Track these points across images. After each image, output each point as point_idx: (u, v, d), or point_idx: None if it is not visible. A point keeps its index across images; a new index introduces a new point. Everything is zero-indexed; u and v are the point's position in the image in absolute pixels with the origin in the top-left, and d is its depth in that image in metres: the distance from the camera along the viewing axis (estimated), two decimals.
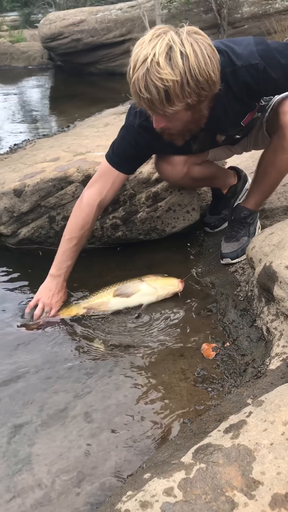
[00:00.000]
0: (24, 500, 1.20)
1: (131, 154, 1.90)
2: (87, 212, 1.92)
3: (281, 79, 1.64)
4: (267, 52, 1.61)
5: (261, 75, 1.61)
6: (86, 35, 8.19)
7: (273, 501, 0.85)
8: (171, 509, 0.88)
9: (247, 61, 1.60)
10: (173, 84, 1.40)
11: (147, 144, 1.85)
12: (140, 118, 1.79)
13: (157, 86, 1.40)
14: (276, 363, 1.39)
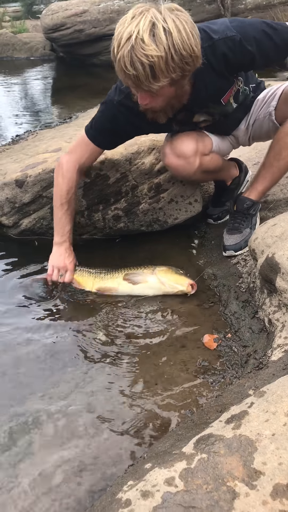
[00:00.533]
0: (26, 489, 1.20)
1: (108, 129, 1.93)
2: (69, 177, 2.00)
3: (256, 54, 1.68)
4: (241, 27, 1.67)
5: (237, 47, 1.66)
6: (89, 26, 8.13)
7: (275, 491, 0.85)
8: (172, 499, 0.88)
9: (224, 34, 1.66)
10: (158, 59, 1.44)
11: (126, 121, 1.88)
12: (120, 95, 1.83)
13: (142, 62, 1.44)
14: (278, 354, 1.39)
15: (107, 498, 0.99)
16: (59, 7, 8.30)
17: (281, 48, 1.71)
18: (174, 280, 1.93)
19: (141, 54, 1.42)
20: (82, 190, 2.28)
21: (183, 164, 2.02)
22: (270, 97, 2.02)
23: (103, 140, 1.98)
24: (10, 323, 1.83)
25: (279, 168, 1.98)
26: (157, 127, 1.94)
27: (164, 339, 1.72)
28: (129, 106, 1.80)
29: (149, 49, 1.42)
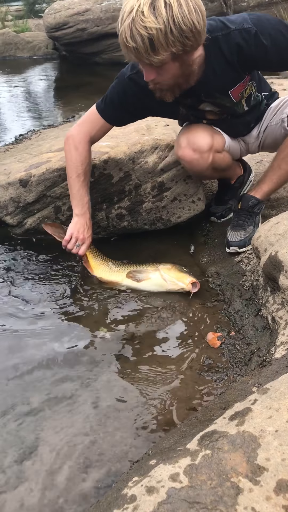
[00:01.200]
0: (32, 485, 1.22)
1: (118, 104, 1.95)
2: (82, 147, 2.01)
3: (270, 49, 1.69)
4: (259, 21, 1.69)
5: (252, 40, 1.68)
6: (91, 25, 8.12)
7: (278, 487, 0.86)
8: (177, 494, 0.89)
9: (240, 25, 1.68)
10: (157, 32, 1.45)
11: (135, 97, 1.90)
12: (132, 70, 1.85)
13: (141, 34, 1.46)
14: (281, 352, 1.40)
15: (113, 494, 1.01)
16: (62, 6, 8.30)
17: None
18: (176, 277, 1.93)
19: (140, 26, 1.44)
20: None
21: (198, 158, 2.02)
22: (283, 104, 2.03)
23: (111, 115, 1.99)
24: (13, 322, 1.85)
25: (287, 171, 1.99)
26: (164, 109, 1.97)
27: (167, 338, 1.73)
28: (139, 83, 1.82)
29: (147, 21, 1.43)
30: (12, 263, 2.24)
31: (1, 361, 1.65)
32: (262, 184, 2.06)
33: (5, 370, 1.60)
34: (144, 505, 0.90)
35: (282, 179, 2.03)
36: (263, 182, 2.06)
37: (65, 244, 2.03)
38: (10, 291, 2.03)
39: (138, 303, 1.92)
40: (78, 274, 2.14)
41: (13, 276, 2.14)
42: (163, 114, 2.15)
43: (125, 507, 0.92)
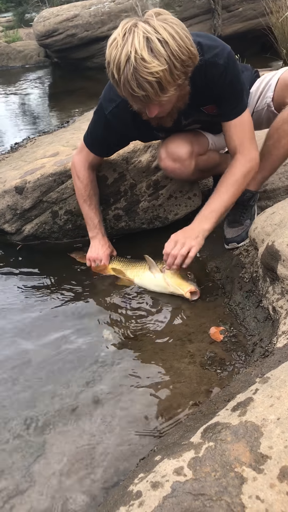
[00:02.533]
0: (40, 488, 1.22)
1: (101, 139, 2.00)
2: (82, 175, 2.12)
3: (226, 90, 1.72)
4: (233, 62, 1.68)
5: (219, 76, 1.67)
6: (81, 30, 8.15)
7: (281, 474, 0.86)
8: (181, 488, 0.89)
9: (214, 57, 1.65)
10: (163, 73, 1.41)
11: (117, 132, 1.93)
12: (111, 104, 1.84)
13: (149, 81, 1.41)
14: (283, 341, 1.39)
15: (119, 491, 1.01)
16: (51, 14, 8.33)
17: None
18: (178, 283, 1.90)
19: (146, 73, 1.39)
20: None
21: (179, 167, 2.03)
22: (264, 88, 2.00)
23: (98, 149, 2.07)
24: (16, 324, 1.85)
25: (278, 156, 1.97)
26: (145, 136, 2.04)
27: (170, 334, 1.73)
28: (119, 116, 1.83)
29: (152, 66, 1.38)
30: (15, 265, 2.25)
31: (4, 364, 1.65)
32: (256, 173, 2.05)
33: (7, 372, 1.61)
34: (150, 500, 0.90)
35: (275, 166, 2.02)
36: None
37: (89, 266, 2.16)
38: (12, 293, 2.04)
39: (139, 302, 1.92)
40: (79, 276, 2.14)
41: (16, 278, 2.15)
42: (145, 140, 2.19)
43: (131, 503, 0.92)
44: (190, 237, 1.82)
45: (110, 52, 1.45)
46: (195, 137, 2.04)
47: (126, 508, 0.92)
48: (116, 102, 1.80)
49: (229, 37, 7.71)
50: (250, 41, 7.97)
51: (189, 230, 1.84)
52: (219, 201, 1.83)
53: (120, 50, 1.41)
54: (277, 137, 1.91)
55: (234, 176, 1.83)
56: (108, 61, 1.47)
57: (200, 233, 1.82)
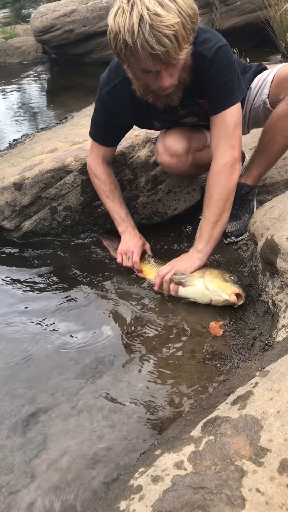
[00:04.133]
0: (41, 484, 1.22)
1: (104, 125, 1.97)
2: (99, 172, 2.09)
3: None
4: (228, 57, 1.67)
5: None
6: (78, 25, 8.11)
7: (282, 466, 0.86)
8: (182, 481, 0.90)
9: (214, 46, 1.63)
10: (178, 26, 1.39)
11: (114, 112, 1.90)
12: (109, 85, 1.83)
13: (167, 35, 1.38)
14: (283, 335, 1.39)
15: (120, 486, 1.01)
16: (48, 9, 8.30)
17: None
18: (220, 287, 1.74)
19: (163, 27, 1.36)
20: (80, 188, 2.29)
21: (176, 163, 2.03)
22: (262, 85, 2.00)
23: (104, 138, 2.04)
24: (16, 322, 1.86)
25: (273, 152, 1.98)
26: (140, 121, 1.99)
27: (170, 329, 1.73)
28: (116, 96, 1.82)
29: (167, 19, 1.36)
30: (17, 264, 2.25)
31: (6, 361, 1.65)
32: (251, 169, 2.05)
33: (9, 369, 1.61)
34: (150, 494, 0.90)
35: (271, 162, 2.02)
36: (252, 167, 2.05)
37: (120, 262, 2.08)
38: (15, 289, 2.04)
39: (138, 299, 1.92)
40: (80, 273, 2.14)
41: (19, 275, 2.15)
42: (141, 125, 2.13)
43: (132, 497, 0.92)
44: (182, 262, 1.86)
45: (116, 21, 1.41)
46: (193, 133, 2.03)
47: (126, 502, 0.92)
48: (114, 82, 1.80)
49: (228, 31, 7.68)
50: (249, 34, 7.95)
51: (180, 256, 1.90)
52: (203, 220, 1.83)
53: (129, 14, 1.38)
54: (272, 133, 1.91)
55: (209, 192, 1.81)
56: (115, 32, 1.42)
57: (193, 257, 1.84)
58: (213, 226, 1.80)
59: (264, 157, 1.97)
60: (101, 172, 2.09)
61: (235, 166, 1.76)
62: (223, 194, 1.77)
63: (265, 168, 2.03)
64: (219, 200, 1.77)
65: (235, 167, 1.76)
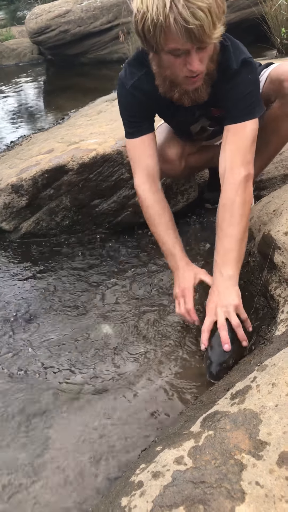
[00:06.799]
0: (45, 483, 1.23)
1: (134, 117, 1.79)
2: (144, 195, 1.80)
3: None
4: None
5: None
6: (73, 26, 8.11)
7: (280, 459, 0.86)
8: (182, 476, 0.90)
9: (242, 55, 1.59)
10: (213, 1, 1.32)
11: (141, 103, 1.75)
12: (132, 78, 1.71)
13: (202, 8, 1.30)
14: (281, 329, 1.40)
15: (121, 482, 1.01)
16: (42, 10, 8.29)
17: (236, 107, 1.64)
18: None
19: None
20: (77, 188, 2.30)
21: (170, 168, 2.03)
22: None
23: (142, 127, 1.79)
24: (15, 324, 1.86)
25: (268, 152, 1.98)
26: (162, 113, 1.87)
27: (171, 327, 1.73)
28: (142, 88, 1.69)
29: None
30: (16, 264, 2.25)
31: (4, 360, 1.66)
32: None
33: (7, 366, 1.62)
34: (151, 490, 0.90)
35: (265, 161, 2.03)
36: None
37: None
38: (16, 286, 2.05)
39: (139, 292, 1.93)
40: (78, 271, 2.15)
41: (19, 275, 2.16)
42: (163, 116, 1.98)
43: (133, 493, 0.93)
44: (224, 297, 1.52)
45: (145, 1, 1.33)
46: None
47: (128, 498, 0.92)
48: (138, 75, 1.69)
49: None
50: (244, 30, 7.93)
51: (214, 290, 1.56)
52: (228, 238, 1.57)
53: None
54: (264, 135, 1.91)
55: (231, 207, 1.59)
56: (143, 12, 1.34)
57: (230, 286, 1.53)
58: (240, 244, 1.57)
59: (258, 157, 1.96)
60: (145, 192, 1.79)
61: (250, 181, 1.64)
62: (246, 210, 1.60)
63: (259, 168, 2.04)
64: (243, 216, 1.58)
65: (250, 183, 1.64)
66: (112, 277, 2.08)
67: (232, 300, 1.49)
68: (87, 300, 1.95)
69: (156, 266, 2.11)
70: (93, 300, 1.95)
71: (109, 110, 3.46)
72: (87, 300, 1.95)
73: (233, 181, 1.59)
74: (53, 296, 2.01)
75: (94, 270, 2.15)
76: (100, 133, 2.66)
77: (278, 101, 1.81)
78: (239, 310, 1.49)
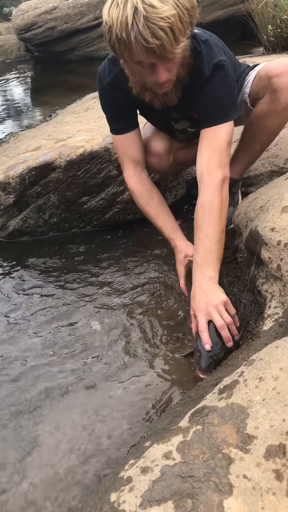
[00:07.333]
0: (34, 480, 1.23)
1: (116, 112, 1.83)
2: (132, 182, 1.90)
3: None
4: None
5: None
6: (60, 22, 8.07)
7: (268, 453, 0.87)
8: (170, 471, 0.91)
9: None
10: (174, 18, 1.32)
11: (121, 98, 1.78)
12: (109, 76, 1.74)
13: (162, 27, 1.31)
14: (269, 324, 1.41)
15: (110, 478, 1.02)
16: (29, 7, 8.24)
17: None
18: None
19: (159, 19, 1.30)
20: (65, 185, 2.29)
21: (158, 162, 2.02)
22: (243, 84, 1.98)
23: (125, 123, 1.86)
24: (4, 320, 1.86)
25: (255, 150, 2.00)
26: (141, 110, 1.88)
27: (158, 323, 1.74)
28: (118, 86, 1.71)
29: (163, 11, 1.29)
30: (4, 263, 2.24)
31: None
32: (234, 165, 2.06)
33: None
34: (140, 485, 0.91)
35: (252, 158, 2.04)
36: (234, 163, 2.05)
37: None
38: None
39: (126, 289, 1.93)
40: (67, 268, 2.14)
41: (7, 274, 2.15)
42: (142, 113, 1.98)
43: (122, 489, 0.93)
44: (213, 296, 1.51)
45: (110, 14, 1.35)
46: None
47: (117, 494, 0.93)
48: (114, 72, 1.71)
49: (210, 25, 7.67)
50: (231, 28, 7.95)
51: (198, 291, 1.54)
52: (207, 238, 1.60)
53: (123, 6, 1.31)
54: (252, 132, 1.93)
55: (209, 208, 1.62)
56: (109, 25, 1.36)
57: (214, 286, 1.54)
58: (220, 244, 1.60)
59: (246, 153, 1.99)
60: (134, 184, 1.90)
61: (227, 183, 1.67)
62: (224, 211, 1.63)
63: (247, 163, 2.05)
64: (221, 218, 1.62)
65: (227, 185, 1.67)
66: (101, 274, 2.08)
67: (221, 297, 1.51)
68: (76, 297, 1.95)
69: (145, 261, 2.11)
70: (81, 297, 1.95)
71: (97, 107, 3.45)
72: (76, 297, 1.95)
73: (210, 184, 1.62)
74: (41, 292, 2.00)
75: (83, 267, 2.15)
76: (87, 130, 2.65)
77: (266, 97, 1.82)
78: (228, 306, 1.51)
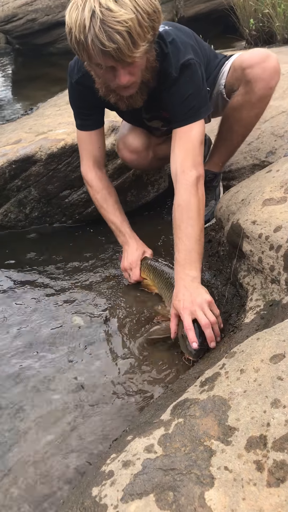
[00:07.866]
0: (16, 476, 1.22)
1: (84, 108, 1.85)
2: (90, 177, 1.95)
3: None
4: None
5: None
6: (41, 14, 7.95)
7: (249, 444, 0.87)
8: (152, 464, 0.90)
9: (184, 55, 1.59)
10: (132, 22, 1.31)
11: (88, 97, 1.77)
12: (78, 74, 1.74)
13: (119, 31, 1.30)
14: (250, 317, 1.41)
15: (92, 472, 1.01)
16: None
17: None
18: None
19: (114, 23, 1.28)
20: (46, 179, 2.26)
21: (137, 158, 2.03)
22: (218, 75, 1.97)
23: (91, 120, 1.88)
24: None
25: (232, 141, 2.00)
26: (111, 108, 1.88)
27: (140, 317, 1.73)
28: (87, 85, 1.70)
29: (119, 14, 1.28)
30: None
31: None
32: (213, 157, 2.06)
33: None
34: (121, 479, 0.90)
35: (231, 149, 2.05)
36: (213, 155, 2.06)
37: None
38: None
39: (109, 284, 1.92)
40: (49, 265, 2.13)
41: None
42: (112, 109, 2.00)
43: (103, 483, 0.93)
44: (197, 296, 1.50)
45: (70, 16, 1.34)
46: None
47: (98, 488, 0.92)
48: (82, 72, 1.70)
49: (192, 19, 7.66)
50: (213, 21, 7.94)
51: (182, 290, 1.53)
52: (187, 238, 1.59)
53: (82, 9, 1.30)
54: (229, 124, 1.93)
55: (187, 208, 1.62)
56: (70, 27, 1.35)
57: (198, 285, 1.54)
58: (199, 243, 1.60)
59: (224, 145, 1.99)
60: (92, 178, 1.95)
61: (202, 181, 1.66)
62: (201, 209, 1.63)
63: (226, 155, 2.05)
64: (199, 217, 1.62)
65: (202, 183, 1.66)
66: (83, 268, 2.07)
67: (205, 297, 1.50)
68: (58, 292, 1.94)
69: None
70: (64, 292, 1.93)
71: None
72: (58, 292, 1.94)
73: (186, 183, 1.61)
74: (23, 287, 1.98)
75: (65, 261, 2.13)
76: (69, 123, 2.62)
77: (241, 89, 1.82)
78: (212, 306, 1.50)
